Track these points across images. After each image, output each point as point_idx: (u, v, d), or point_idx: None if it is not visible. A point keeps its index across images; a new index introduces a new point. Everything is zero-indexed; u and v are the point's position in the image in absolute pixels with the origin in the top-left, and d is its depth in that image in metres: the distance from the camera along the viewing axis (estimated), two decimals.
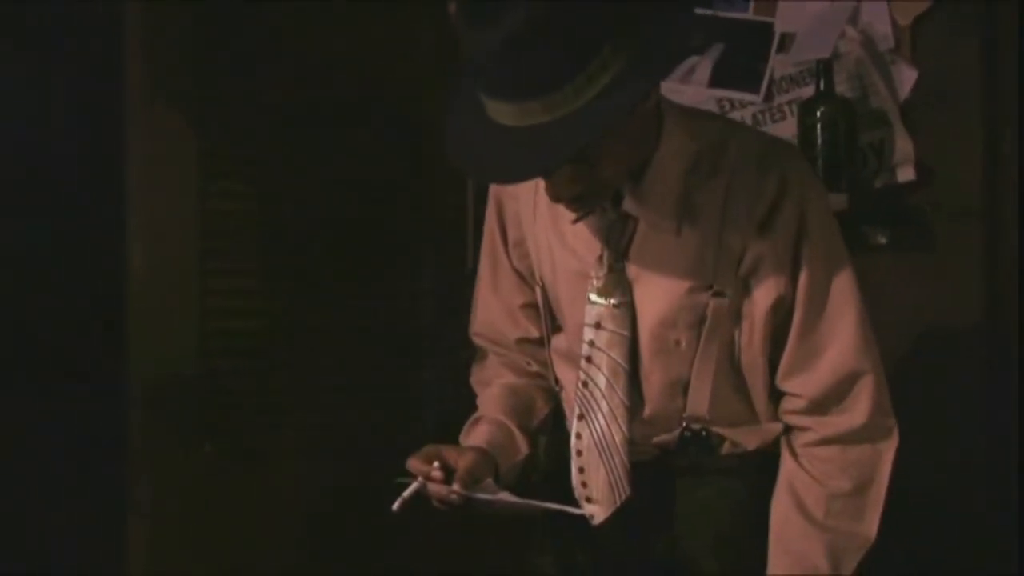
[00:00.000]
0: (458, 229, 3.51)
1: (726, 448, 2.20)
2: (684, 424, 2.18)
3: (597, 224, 2.12)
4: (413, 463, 2.11)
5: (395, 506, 2.06)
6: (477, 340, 2.41)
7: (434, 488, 2.08)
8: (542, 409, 2.34)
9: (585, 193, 2.02)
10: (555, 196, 2.02)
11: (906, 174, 3.11)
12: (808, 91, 3.15)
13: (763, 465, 2.20)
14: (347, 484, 2.05)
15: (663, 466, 2.20)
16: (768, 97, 3.22)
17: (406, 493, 2.07)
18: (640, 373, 2.17)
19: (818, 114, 3.08)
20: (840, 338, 2.13)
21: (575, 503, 2.19)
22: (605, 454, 2.18)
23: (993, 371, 3.04)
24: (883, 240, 3.12)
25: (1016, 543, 2.84)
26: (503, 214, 2.31)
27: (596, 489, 2.19)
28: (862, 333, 2.14)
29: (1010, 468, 2.94)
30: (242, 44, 3.16)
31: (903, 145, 3.11)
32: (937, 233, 3.09)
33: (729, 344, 2.15)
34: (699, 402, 2.16)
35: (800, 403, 2.16)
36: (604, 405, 2.17)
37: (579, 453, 2.20)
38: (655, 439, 2.20)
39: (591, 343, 2.16)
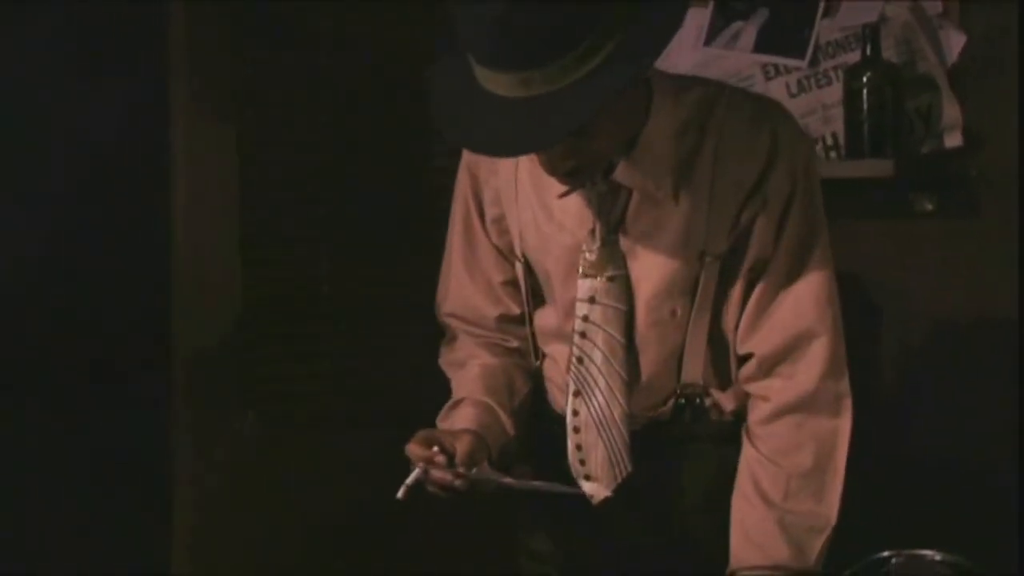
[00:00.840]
0: None
1: (715, 414, 2.16)
2: (678, 392, 2.14)
3: (588, 197, 2.07)
4: (413, 449, 2.05)
5: (399, 494, 2.01)
6: (449, 320, 2.33)
7: (437, 474, 2.03)
8: (522, 388, 2.27)
9: (580, 166, 1.97)
10: (551, 169, 1.98)
11: (953, 140, 3.08)
12: (854, 56, 3.12)
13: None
14: (392, 453, 2.04)
15: (654, 435, 2.15)
16: (814, 62, 3.19)
17: (409, 480, 2.02)
18: (636, 346, 2.12)
19: (864, 79, 3.05)
20: (798, 297, 2.08)
21: (568, 481, 2.15)
22: (604, 430, 2.13)
23: None
24: (929, 207, 3.09)
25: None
26: (479, 190, 2.24)
27: (595, 466, 2.15)
28: (824, 296, 2.09)
29: None
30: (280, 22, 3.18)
31: (951, 111, 3.08)
32: (984, 200, 3.06)
33: (719, 308, 2.11)
34: (694, 369, 2.13)
35: (752, 365, 2.12)
36: (602, 381, 2.12)
37: (576, 430, 2.16)
38: (649, 411, 2.15)
39: (585, 318, 2.12)
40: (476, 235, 2.26)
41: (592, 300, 2.10)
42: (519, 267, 2.23)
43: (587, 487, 2.16)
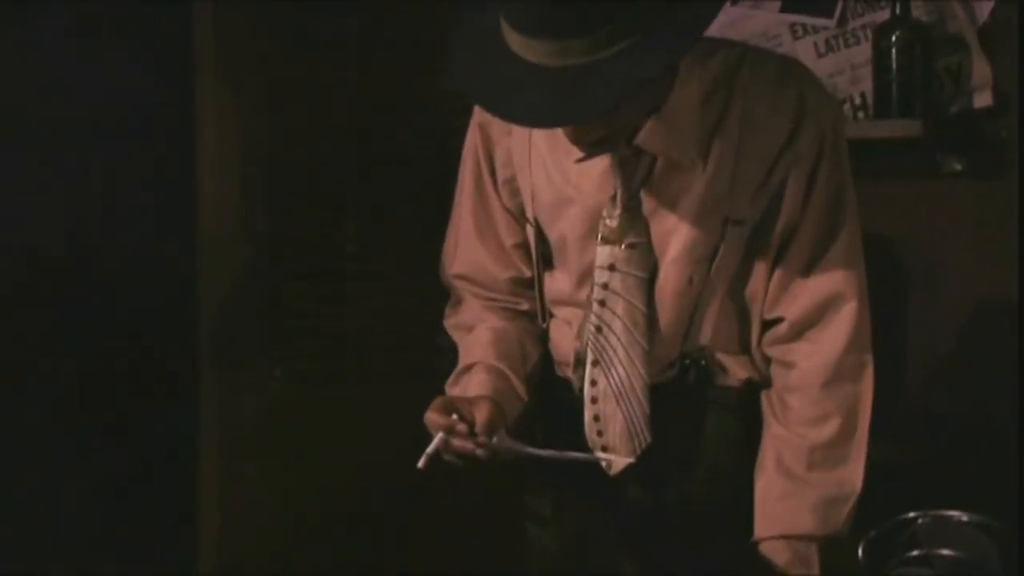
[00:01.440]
0: None
1: (721, 379, 2.14)
2: (684, 355, 2.11)
3: (609, 161, 2.03)
4: (433, 417, 2.01)
5: (420, 463, 1.97)
6: (457, 282, 2.28)
7: (458, 443, 1.98)
8: (533, 354, 2.23)
9: (607, 137, 1.94)
10: (576, 139, 1.94)
11: (983, 100, 3.05)
12: (883, 15, 3.09)
13: (755, 399, 2.15)
14: (420, 407, 2.03)
15: (660, 400, 2.12)
16: (842, 21, 3.16)
17: (430, 448, 1.97)
18: (655, 314, 2.08)
19: (893, 38, 3.02)
20: (828, 260, 2.07)
21: (581, 448, 2.12)
22: (623, 401, 2.09)
23: None
24: (958, 167, 3.07)
25: None
26: (492, 150, 2.19)
27: (614, 437, 2.11)
28: (853, 258, 2.08)
29: None
30: None
31: (980, 70, 3.05)
32: (1014, 160, 3.04)
33: (737, 272, 2.09)
34: (703, 333, 2.10)
35: (781, 328, 2.11)
36: (621, 351, 2.08)
37: (594, 400, 2.12)
38: (655, 375, 2.11)
39: (605, 286, 2.07)
40: (488, 196, 2.22)
41: (612, 268, 2.07)
42: (530, 230, 2.19)
43: (604, 458, 2.13)
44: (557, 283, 2.19)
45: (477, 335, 2.22)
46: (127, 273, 2.99)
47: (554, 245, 2.17)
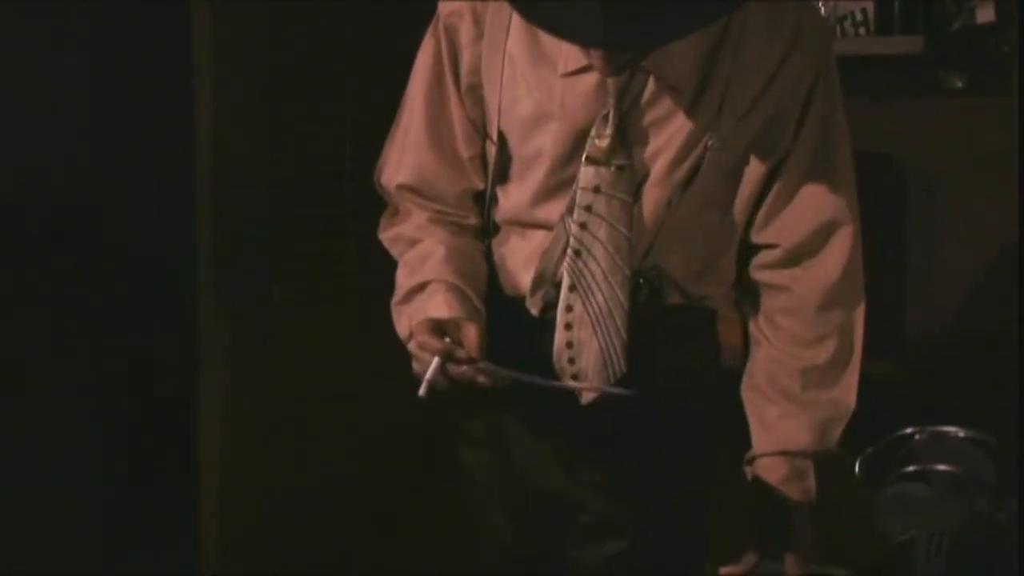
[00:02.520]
0: None
1: (673, 299, 2.07)
2: (637, 273, 2.04)
3: (601, 79, 1.96)
4: (428, 342, 1.93)
5: (422, 391, 1.90)
6: (402, 193, 2.14)
7: (457, 369, 1.91)
8: (483, 272, 2.11)
9: (633, 59, 1.90)
10: (607, 60, 1.88)
11: (986, 15, 3.03)
12: None
13: (708, 323, 2.13)
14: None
15: None
16: None
17: (429, 375, 1.90)
18: (636, 239, 2.01)
19: None
20: (823, 186, 2.04)
21: (547, 376, 2.02)
22: (601, 328, 2.02)
23: None
24: (959, 84, 3.05)
25: None
26: (458, 56, 2.08)
27: (587, 365, 2.03)
28: (848, 183, 2.05)
29: None
30: None
31: None
32: (1015, 77, 3.02)
33: (711, 198, 2.03)
34: (662, 254, 2.04)
35: (775, 254, 2.07)
36: (600, 276, 2.01)
37: (568, 327, 2.03)
38: None
39: (588, 208, 1.99)
40: (447, 104, 2.11)
41: (597, 190, 1.99)
42: (489, 144, 2.10)
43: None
44: (513, 200, 2.09)
45: (427, 250, 2.10)
46: (125, 192, 2.98)
47: (519, 161, 2.07)
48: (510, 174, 2.09)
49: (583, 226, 2.00)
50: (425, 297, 2.05)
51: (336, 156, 3.26)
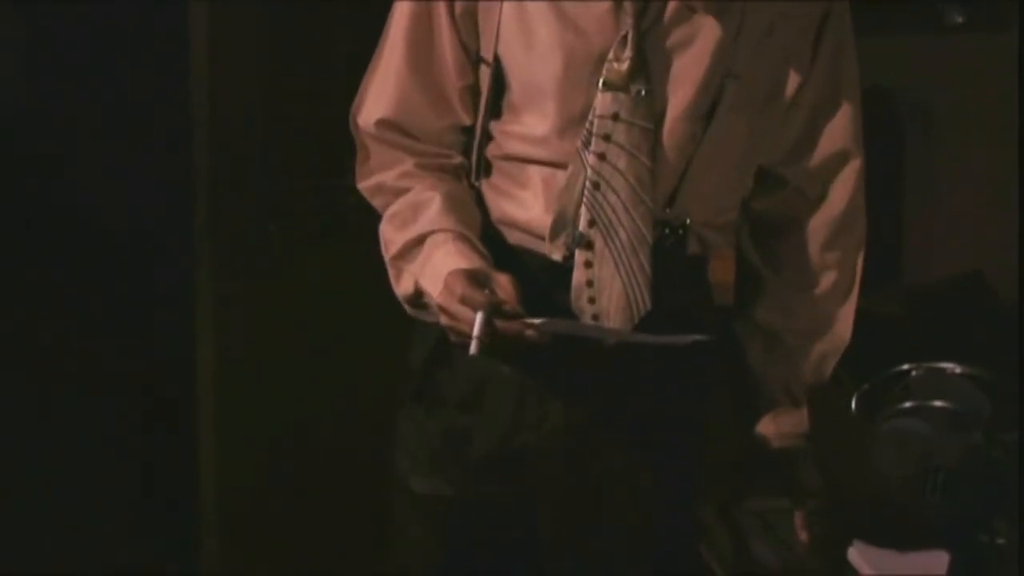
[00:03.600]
0: None
1: (694, 247, 2.01)
2: (663, 222, 1.96)
3: (622, 1, 1.88)
4: (472, 295, 1.80)
5: (473, 349, 1.77)
6: (382, 131, 2.02)
7: (505, 325, 1.78)
8: (479, 219, 2.00)
9: None
10: None
11: None
12: None
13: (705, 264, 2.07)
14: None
15: None
16: None
17: (476, 331, 1.76)
18: (659, 171, 1.93)
19: None
20: (835, 118, 2.02)
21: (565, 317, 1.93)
22: (623, 265, 1.92)
23: None
24: (960, 19, 3.03)
25: None
26: None
27: (608, 303, 1.93)
28: (857, 115, 2.03)
29: None
30: None
31: None
32: (1015, 13, 3.00)
33: (733, 132, 1.96)
34: (688, 199, 1.97)
35: (783, 185, 2.06)
36: (622, 210, 1.92)
37: (588, 264, 1.93)
38: None
39: (607, 137, 1.89)
40: (439, 29, 1.99)
41: (616, 117, 1.89)
42: (484, 71, 1.98)
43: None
44: (518, 135, 1.97)
45: (418, 200, 1.99)
46: (120, 133, 2.97)
47: (522, 91, 1.96)
48: (511, 106, 1.98)
49: (601, 157, 1.90)
50: (430, 249, 1.94)
51: (334, 96, 3.24)
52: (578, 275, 1.94)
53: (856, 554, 1.97)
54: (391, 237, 2.00)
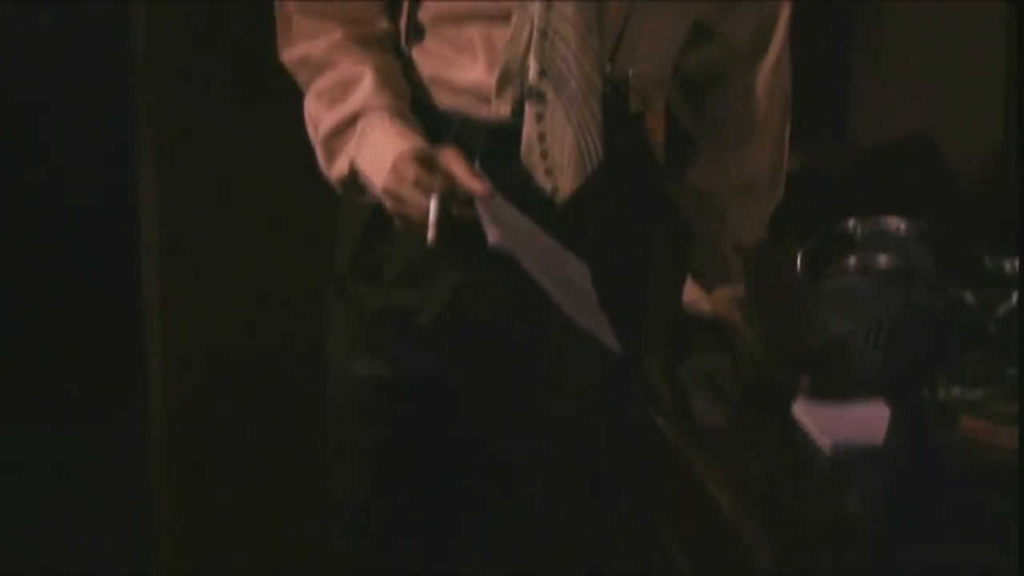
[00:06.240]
0: None
1: (637, 105, 1.98)
2: (606, 80, 1.92)
3: None
4: (424, 178, 1.75)
5: (430, 236, 1.72)
6: None
7: (460, 210, 1.75)
8: (409, 93, 1.93)
9: None
10: None
11: None
12: None
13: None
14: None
15: None
16: None
17: (432, 217, 1.72)
18: (605, 20, 1.89)
19: None
20: None
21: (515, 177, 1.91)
22: (575, 115, 1.88)
23: None
24: None
25: None
26: None
27: (561, 156, 1.90)
28: None
29: None
30: None
31: None
32: None
33: None
34: (630, 53, 1.93)
35: (719, 42, 2.03)
36: (572, 59, 1.87)
37: (539, 117, 1.88)
38: None
39: None
40: None
41: None
42: None
43: (547, 181, 1.92)
44: None
45: (348, 75, 1.91)
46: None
47: None
48: None
49: (547, 5, 1.85)
50: (365, 128, 1.88)
51: None
52: (528, 129, 1.90)
53: (799, 409, 1.99)
54: (320, 115, 1.93)
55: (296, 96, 2.04)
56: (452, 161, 1.77)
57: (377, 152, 1.84)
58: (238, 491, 3.18)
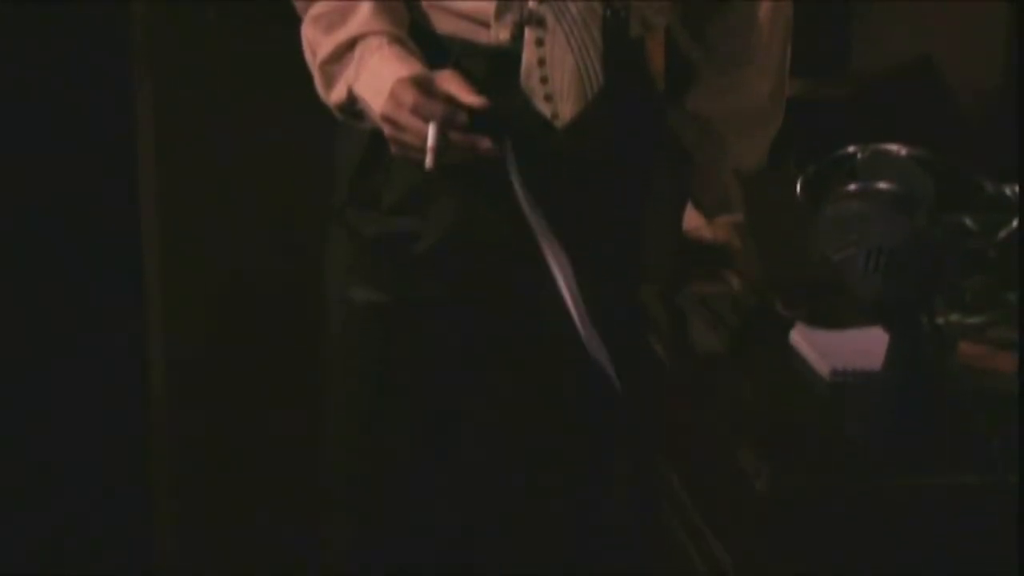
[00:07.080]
0: None
1: (636, 30, 1.96)
2: (607, 3, 1.89)
3: None
4: (424, 103, 1.74)
5: (429, 163, 1.72)
6: None
7: (460, 137, 1.74)
8: (407, 15, 1.93)
9: None
10: None
11: None
12: None
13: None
14: None
15: None
16: None
17: (431, 142, 1.72)
18: None
19: None
20: None
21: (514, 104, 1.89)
22: (575, 40, 1.87)
23: None
24: None
25: None
26: None
27: (561, 82, 1.88)
28: None
29: None
30: None
31: None
32: None
33: None
34: None
35: None
36: None
37: (539, 43, 1.87)
38: None
39: None
40: None
41: None
42: None
43: (547, 108, 1.91)
44: None
45: (348, 1, 1.89)
46: None
47: None
48: None
49: None
50: (364, 54, 1.86)
51: None
52: (528, 54, 1.89)
53: (797, 336, 1.99)
54: (318, 40, 1.91)
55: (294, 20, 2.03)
56: (450, 81, 1.77)
57: (375, 78, 1.83)
58: (234, 426, 3.19)
